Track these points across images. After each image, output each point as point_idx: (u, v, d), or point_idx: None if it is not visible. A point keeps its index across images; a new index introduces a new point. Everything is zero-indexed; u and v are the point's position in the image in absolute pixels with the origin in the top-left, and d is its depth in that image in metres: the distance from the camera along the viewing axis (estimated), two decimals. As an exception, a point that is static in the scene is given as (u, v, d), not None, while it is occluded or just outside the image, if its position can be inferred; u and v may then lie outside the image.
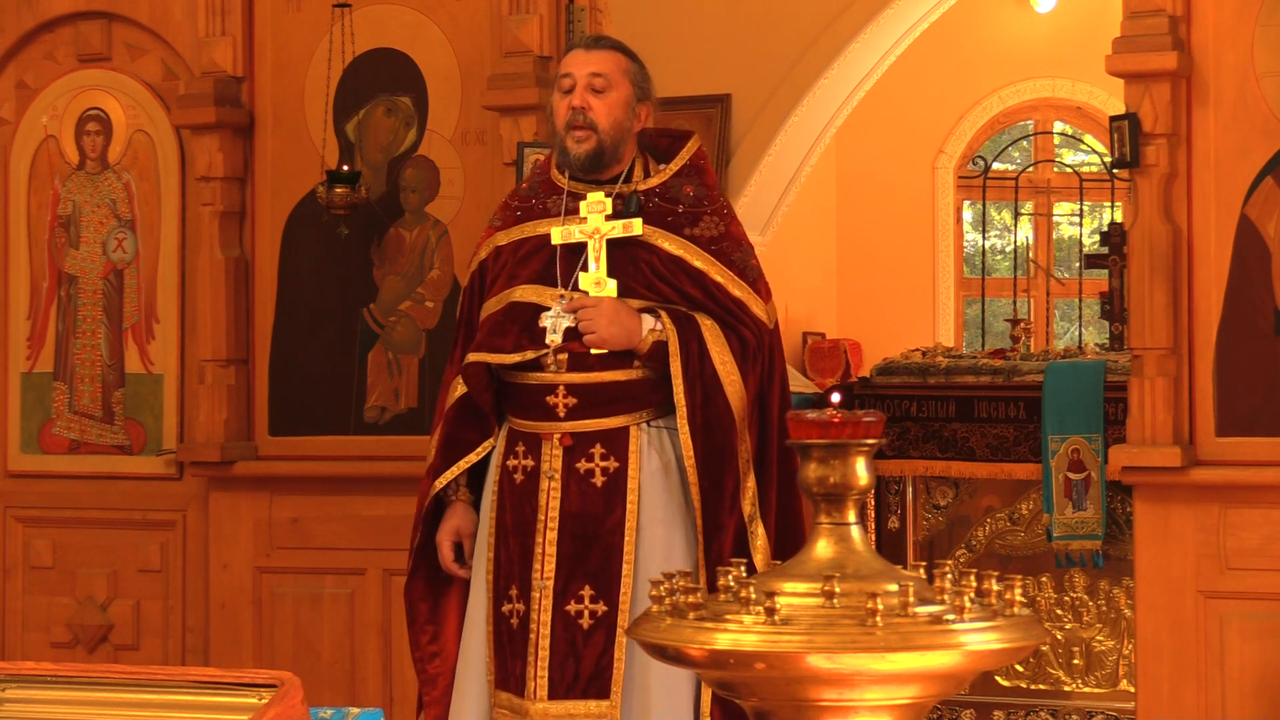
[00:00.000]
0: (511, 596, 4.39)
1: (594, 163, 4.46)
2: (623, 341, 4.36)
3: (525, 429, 4.43)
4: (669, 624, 2.41)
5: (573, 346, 4.36)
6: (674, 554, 4.33)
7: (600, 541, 4.34)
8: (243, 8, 5.98)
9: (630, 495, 4.36)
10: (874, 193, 11.68)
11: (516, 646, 4.37)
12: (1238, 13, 5.07)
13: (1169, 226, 5.08)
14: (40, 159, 6.25)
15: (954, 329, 11.85)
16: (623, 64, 4.51)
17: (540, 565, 4.36)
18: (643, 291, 4.41)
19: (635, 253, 4.43)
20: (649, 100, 4.53)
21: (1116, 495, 6.54)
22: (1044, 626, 4.48)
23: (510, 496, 4.43)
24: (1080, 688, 6.90)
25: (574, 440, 4.38)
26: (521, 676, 4.34)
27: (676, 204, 4.48)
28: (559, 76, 4.51)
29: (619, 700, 4.31)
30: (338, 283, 5.88)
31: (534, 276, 4.46)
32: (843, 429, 2.47)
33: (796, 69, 9.42)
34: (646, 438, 4.40)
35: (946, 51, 11.36)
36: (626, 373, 4.39)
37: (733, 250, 4.48)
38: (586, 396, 4.37)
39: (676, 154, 4.56)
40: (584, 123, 4.43)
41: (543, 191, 4.57)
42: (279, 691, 2.64)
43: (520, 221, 4.55)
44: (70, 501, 6.19)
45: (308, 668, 5.81)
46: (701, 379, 4.35)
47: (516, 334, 4.41)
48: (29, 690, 2.80)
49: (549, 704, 4.32)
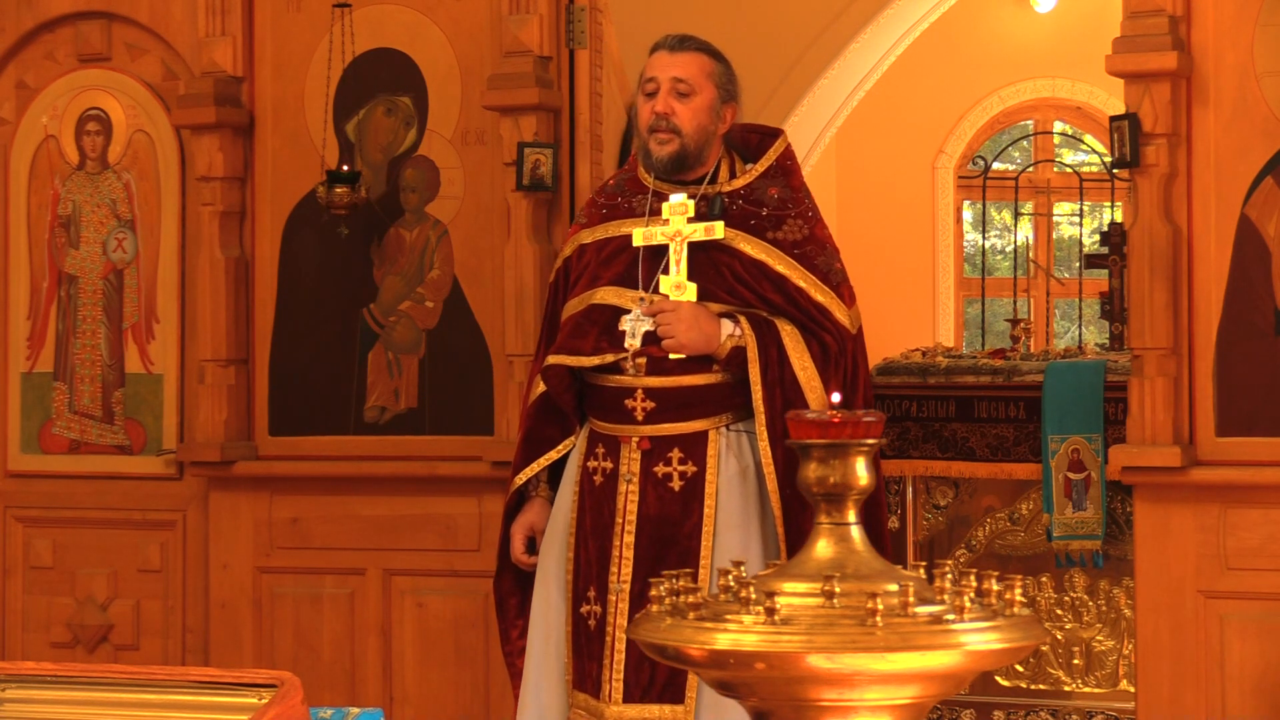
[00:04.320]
0: (589, 598, 4.39)
1: (677, 165, 4.45)
2: (701, 346, 4.34)
3: (605, 431, 4.43)
4: (669, 624, 2.41)
5: (651, 351, 4.36)
6: (751, 558, 4.30)
7: (677, 545, 4.33)
8: (243, 8, 5.98)
9: (708, 500, 4.34)
10: (874, 193, 11.68)
11: (594, 649, 4.37)
12: (1238, 13, 5.06)
13: (1169, 226, 5.08)
14: (40, 159, 6.25)
15: (954, 329, 11.85)
16: (707, 66, 4.50)
17: (617, 569, 4.35)
18: (723, 296, 4.40)
19: (716, 256, 4.41)
20: (734, 101, 4.52)
21: (1116, 495, 6.54)
22: (1044, 626, 4.48)
23: (590, 498, 4.43)
24: (1080, 688, 6.90)
25: (652, 444, 4.37)
26: (598, 679, 4.34)
27: (760, 207, 4.45)
28: (643, 79, 4.50)
29: (693, 706, 4.29)
30: (338, 283, 5.88)
31: (616, 278, 4.46)
32: (843, 429, 2.48)
33: (796, 69, 9.43)
34: (725, 442, 4.38)
35: (946, 51, 11.36)
36: (705, 377, 4.37)
37: (816, 254, 4.45)
38: (665, 400, 4.36)
39: (764, 152, 4.54)
40: (667, 127, 4.42)
41: (629, 190, 4.56)
42: (279, 691, 2.64)
43: (606, 220, 4.55)
44: (70, 501, 6.19)
45: (308, 668, 5.81)
46: (781, 385, 4.33)
47: (596, 336, 4.40)
48: (29, 690, 2.80)
49: (624, 708, 4.31)
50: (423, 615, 5.75)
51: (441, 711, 5.71)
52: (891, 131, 11.58)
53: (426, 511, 5.69)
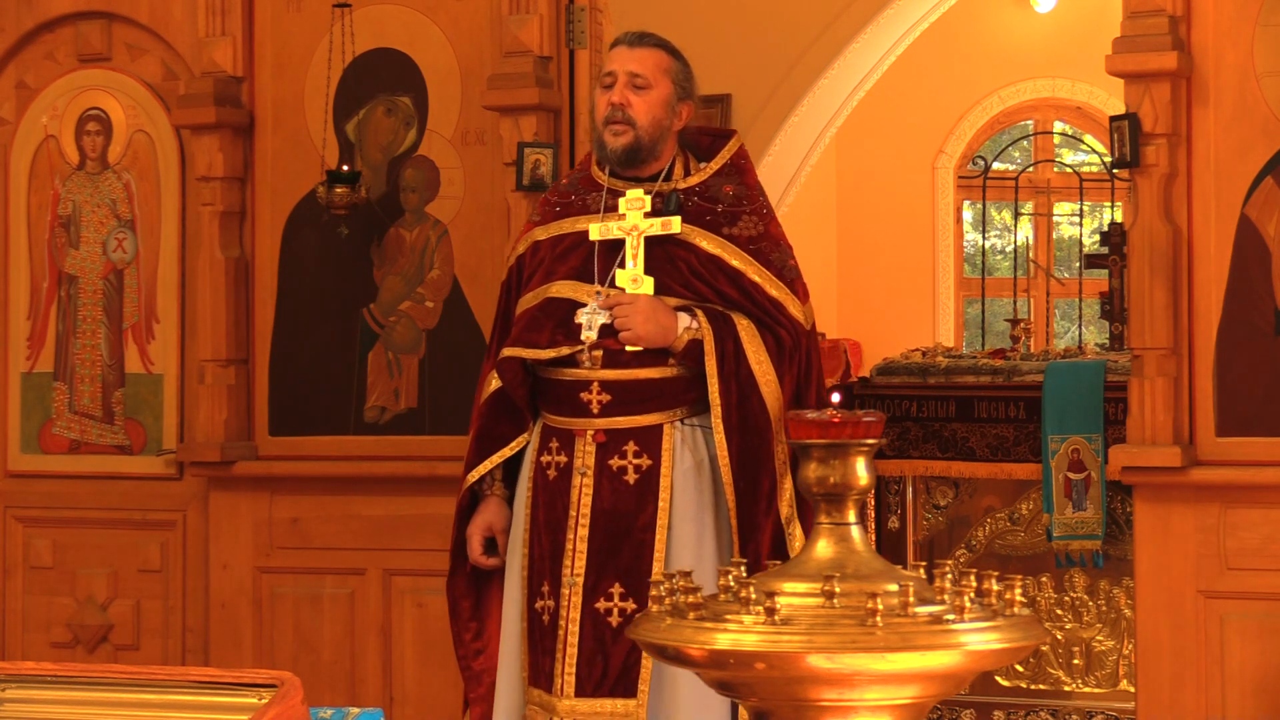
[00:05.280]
0: (543, 593, 4.39)
1: (631, 157, 4.46)
2: (658, 339, 4.36)
3: (559, 425, 4.43)
4: (669, 624, 2.41)
5: (608, 343, 4.36)
6: (705, 553, 4.32)
7: (631, 539, 4.34)
8: (243, 8, 5.98)
9: (662, 493, 4.35)
10: (874, 193, 11.69)
11: (547, 643, 4.37)
12: (1238, 13, 5.06)
13: (1169, 226, 5.08)
14: (40, 159, 6.25)
15: (954, 329, 11.85)
16: (665, 62, 4.51)
17: (571, 562, 4.36)
18: (679, 290, 4.41)
19: (673, 251, 4.42)
20: (691, 99, 4.53)
21: (1116, 495, 6.54)
22: (1044, 626, 4.48)
23: (544, 492, 4.43)
24: (1080, 688, 6.90)
25: (607, 437, 4.38)
26: (551, 673, 4.35)
27: (716, 203, 4.47)
28: (602, 74, 4.52)
29: (645, 699, 4.30)
30: (338, 283, 5.88)
31: (571, 273, 4.46)
32: (843, 429, 2.48)
33: (796, 69, 9.43)
34: (680, 436, 4.39)
35: (946, 51, 11.36)
36: (661, 370, 4.38)
37: (771, 250, 4.47)
38: (621, 393, 4.37)
39: (718, 153, 4.55)
40: (622, 118, 4.43)
41: (583, 188, 4.57)
42: (279, 691, 2.64)
43: (560, 217, 4.55)
44: (70, 501, 6.19)
45: (308, 668, 5.81)
46: (737, 378, 4.34)
47: (552, 329, 4.41)
48: (29, 690, 2.80)
49: (576, 701, 4.32)
50: (423, 615, 5.75)
51: (441, 711, 5.71)
52: (891, 131, 11.58)
53: (426, 511, 5.69)
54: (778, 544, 4.31)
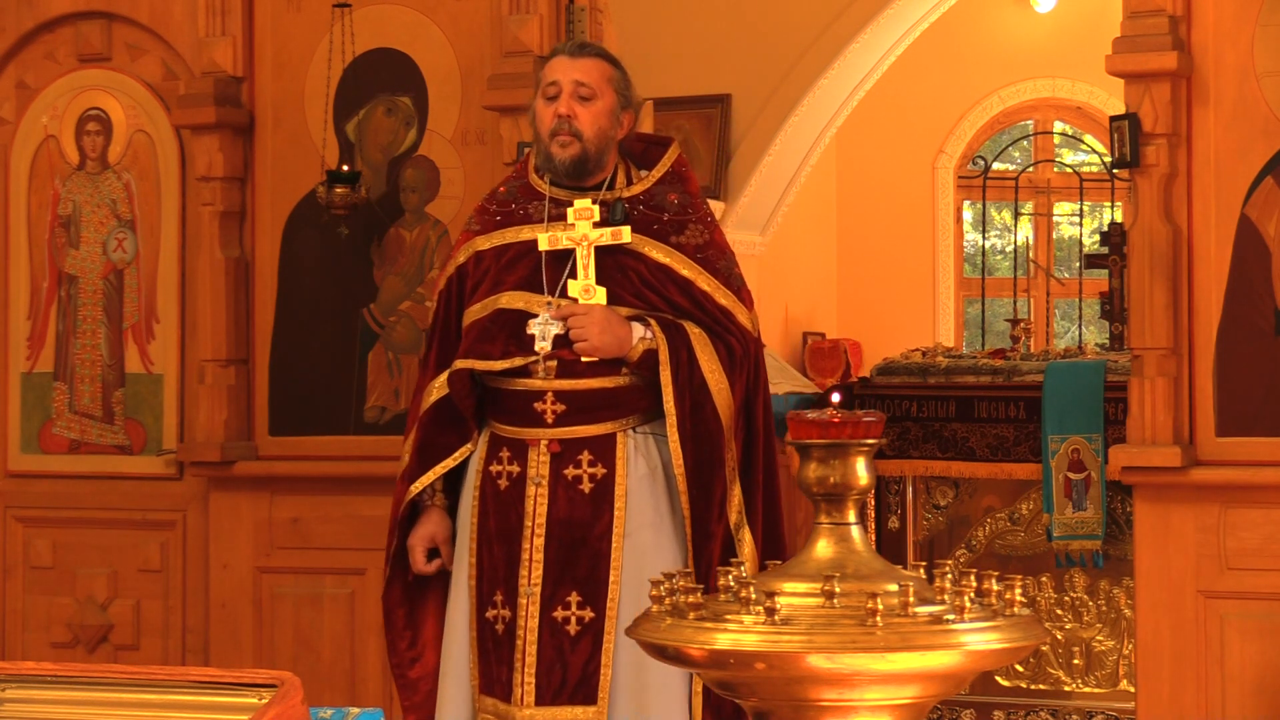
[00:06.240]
0: (496, 602, 4.38)
1: (578, 169, 4.45)
2: (614, 350, 4.35)
3: (510, 435, 4.42)
4: (669, 624, 2.41)
5: (562, 354, 4.36)
6: (662, 560, 4.32)
7: (588, 548, 4.34)
8: (243, 8, 5.98)
9: (618, 501, 4.35)
10: (874, 193, 11.68)
11: (502, 653, 4.36)
12: (1238, 13, 5.07)
13: (1169, 226, 5.08)
14: (40, 159, 6.25)
15: (954, 329, 11.85)
16: (608, 72, 4.50)
17: (528, 572, 4.35)
18: (631, 300, 4.40)
19: (623, 260, 4.42)
20: (632, 108, 4.52)
21: (1116, 495, 6.54)
22: (1044, 626, 4.48)
23: (493, 502, 4.41)
24: (1080, 688, 6.90)
25: (562, 447, 4.37)
26: (508, 683, 4.33)
27: (661, 211, 4.47)
28: (544, 83, 4.49)
29: (605, 707, 4.30)
30: (338, 283, 5.88)
31: (520, 283, 4.44)
32: (843, 429, 2.48)
33: (796, 69, 9.43)
34: (633, 444, 4.39)
35: (946, 51, 11.36)
36: (614, 380, 4.38)
37: (717, 258, 4.48)
38: (575, 403, 4.36)
39: (656, 161, 4.55)
40: (569, 130, 4.42)
41: (523, 197, 4.54)
42: (279, 691, 2.64)
43: (501, 226, 4.52)
44: (70, 501, 6.19)
45: (308, 668, 5.81)
46: (691, 387, 4.35)
47: (504, 340, 4.39)
48: (29, 690, 2.80)
49: (536, 710, 4.31)
50: (423, 615, 5.74)
51: (441, 711, 5.71)
52: (891, 131, 11.58)
53: (426, 511, 5.68)
54: (728, 550, 4.31)
